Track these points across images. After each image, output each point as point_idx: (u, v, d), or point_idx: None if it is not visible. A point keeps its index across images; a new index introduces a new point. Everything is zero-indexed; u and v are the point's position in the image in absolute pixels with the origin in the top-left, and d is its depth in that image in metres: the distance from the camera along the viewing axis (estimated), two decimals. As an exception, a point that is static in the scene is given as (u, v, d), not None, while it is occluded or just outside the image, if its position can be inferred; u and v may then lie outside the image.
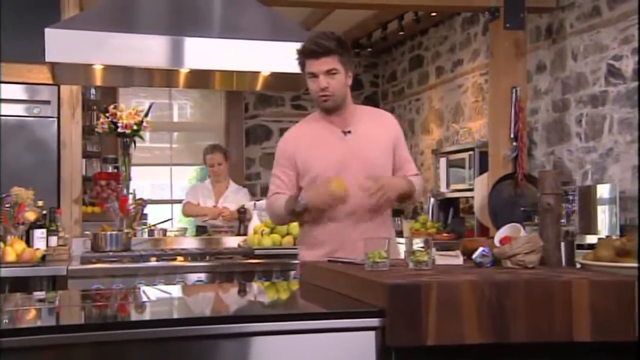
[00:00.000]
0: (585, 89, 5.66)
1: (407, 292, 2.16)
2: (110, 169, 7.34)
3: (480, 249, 2.68)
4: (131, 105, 6.05)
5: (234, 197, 5.94)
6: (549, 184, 2.76)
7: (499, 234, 2.81)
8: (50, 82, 4.57)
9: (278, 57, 3.99)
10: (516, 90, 5.82)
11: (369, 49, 8.52)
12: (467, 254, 2.85)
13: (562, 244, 2.83)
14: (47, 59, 3.69)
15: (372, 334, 2.20)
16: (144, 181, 9.47)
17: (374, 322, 2.19)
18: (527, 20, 5.94)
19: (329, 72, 3.27)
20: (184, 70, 4.29)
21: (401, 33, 7.69)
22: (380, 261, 2.59)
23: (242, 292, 3.13)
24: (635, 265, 2.49)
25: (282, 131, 9.16)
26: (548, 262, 2.73)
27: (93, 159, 7.61)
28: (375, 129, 3.41)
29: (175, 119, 9.40)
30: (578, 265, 2.77)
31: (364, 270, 2.56)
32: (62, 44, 3.69)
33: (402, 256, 2.90)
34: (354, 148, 3.32)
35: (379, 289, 2.22)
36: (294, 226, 4.49)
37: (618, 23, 5.33)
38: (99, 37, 3.76)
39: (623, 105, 5.26)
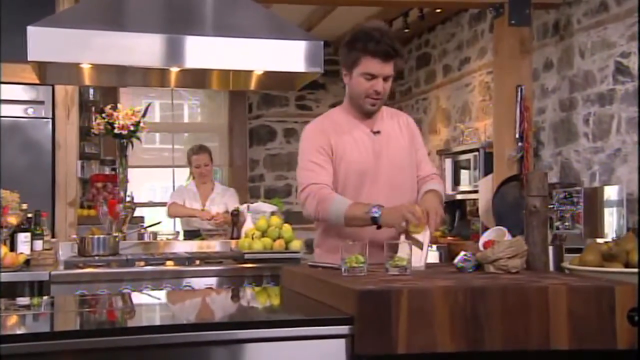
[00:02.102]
0: (593, 88, 5.61)
1: (376, 298, 2.13)
2: (108, 171, 7.32)
3: (462, 253, 2.65)
4: (139, 106, 5.98)
5: (221, 199, 5.91)
6: (535, 185, 2.73)
7: (483, 238, 2.78)
8: (52, 82, 4.56)
9: (272, 55, 3.96)
10: (521, 89, 5.76)
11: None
12: (454, 258, 2.81)
13: (551, 248, 2.80)
14: (29, 58, 3.67)
15: (342, 341, 2.18)
16: (156, 183, 9.46)
17: (344, 329, 2.17)
18: (533, 17, 5.88)
19: (387, 77, 3.19)
20: (174, 70, 4.26)
21: (406, 31, 7.64)
22: (357, 266, 2.56)
23: (224, 298, 3.11)
24: (621, 270, 2.45)
25: (286, 132, 9.18)
26: (534, 266, 2.69)
27: (92, 160, 7.59)
28: (397, 130, 3.36)
29: (186, 119, 9.41)
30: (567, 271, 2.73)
31: (339, 276, 2.53)
32: (45, 42, 3.67)
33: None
34: (384, 149, 3.27)
35: (349, 295, 2.19)
36: (287, 229, 4.47)
37: (626, 19, 5.27)
38: (84, 35, 3.74)
39: (631, 103, 5.20)
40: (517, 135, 5.76)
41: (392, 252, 2.63)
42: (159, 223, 5.06)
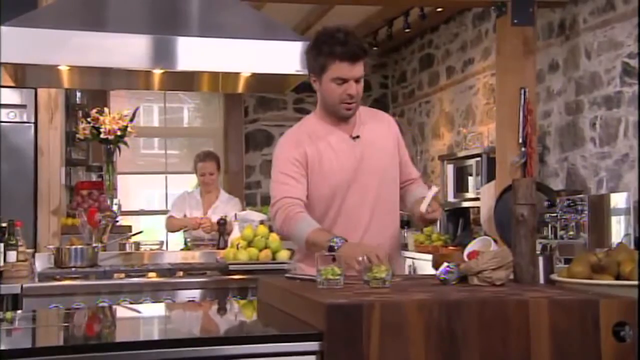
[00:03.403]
0: (600, 90, 5.57)
1: (346, 313, 2.10)
2: (95, 178, 7.31)
3: (445, 264, 2.62)
4: (128, 109, 5.95)
5: (224, 208, 5.85)
6: (522, 193, 2.71)
7: (468, 248, 2.75)
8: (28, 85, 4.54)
9: (260, 56, 3.94)
10: (525, 91, 5.73)
11: (376, 48, 8.46)
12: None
13: (540, 259, 2.77)
14: (2, 60, 3.65)
15: (312, 358, 2.15)
16: (154, 190, 9.43)
17: (314, 345, 2.14)
18: (537, 16, 5.86)
19: (359, 79, 3.14)
20: (158, 72, 4.24)
21: (407, 30, 7.62)
22: (333, 278, 2.53)
23: (197, 313, 3.08)
24: (609, 282, 2.42)
25: (284, 137, 9.13)
26: (521, 278, 2.66)
27: (78, 167, 7.59)
28: (379, 133, 3.32)
29: (186, 123, 9.42)
30: (559, 283, 2.70)
31: (314, 289, 2.50)
32: (20, 43, 3.65)
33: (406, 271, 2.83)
34: (365, 155, 3.22)
35: (319, 310, 2.16)
36: (274, 238, 4.43)
37: (633, 18, 5.24)
38: (62, 35, 3.71)
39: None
40: (520, 140, 5.73)
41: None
42: (141, 232, 5.03)
